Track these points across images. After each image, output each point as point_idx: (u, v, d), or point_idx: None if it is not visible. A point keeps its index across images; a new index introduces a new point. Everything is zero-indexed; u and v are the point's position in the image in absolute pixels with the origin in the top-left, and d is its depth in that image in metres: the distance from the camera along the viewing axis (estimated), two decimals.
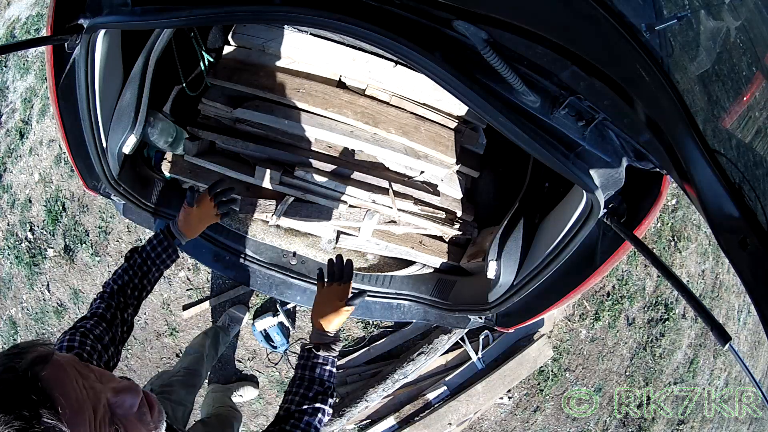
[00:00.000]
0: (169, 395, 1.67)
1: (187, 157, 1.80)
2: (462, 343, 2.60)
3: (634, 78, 0.92)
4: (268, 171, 1.75)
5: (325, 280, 1.26)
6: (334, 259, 1.25)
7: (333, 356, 1.13)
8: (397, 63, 1.74)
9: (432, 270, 1.97)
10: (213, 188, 1.36)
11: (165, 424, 0.77)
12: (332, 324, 1.16)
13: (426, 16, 0.97)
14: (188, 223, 1.34)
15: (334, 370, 1.13)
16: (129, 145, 1.56)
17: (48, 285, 2.74)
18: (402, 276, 1.94)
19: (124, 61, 1.43)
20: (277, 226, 1.94)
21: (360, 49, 1.73)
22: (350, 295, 1.20)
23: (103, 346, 0.99)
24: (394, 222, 1.85)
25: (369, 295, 1.93)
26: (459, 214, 1.92)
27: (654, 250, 2.65)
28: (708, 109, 1.07)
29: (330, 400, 1.07)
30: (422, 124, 1.81)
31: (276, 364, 2.67)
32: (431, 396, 2.59)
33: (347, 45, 1.73)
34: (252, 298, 2.67)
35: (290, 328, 2.62)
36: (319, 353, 1.11)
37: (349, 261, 1.25)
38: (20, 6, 3.07)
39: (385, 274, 1.95)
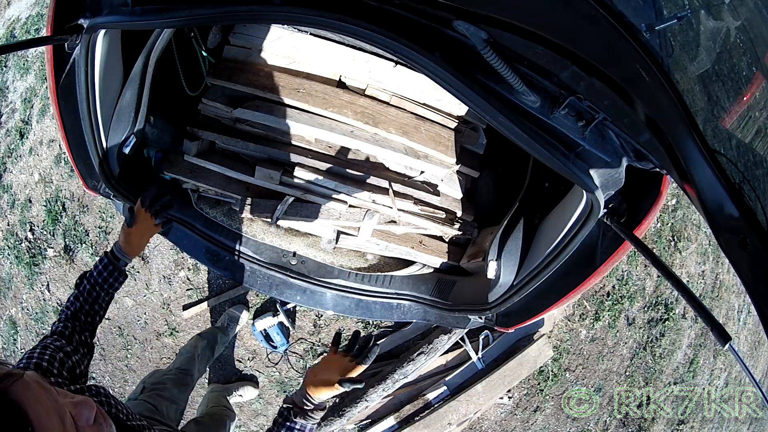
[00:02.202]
0: (161, 392, 1.67)
1: (187, 157, 1.80)
2: (462, 343, 2.60)
3: (634, 78, 0.92)
4: (268, 171, 1.75)
5: (341, 348, 1.17)
6: (361, 335, 1.18)
7: (312, 423, 1.08)
8: (397, 63, 1.73)
9: (432, 270, 1.97)
10: (144, 201, 1.38)
11: None
12: (319, 393, 1.08)
13: (426, 16, 0.97)
14: (129, 243, 1.35)
15: None
16: (129, 145, 1.56)
17: (48, 285, 2.74)
18: (402, 276, 1.94)
19: (124, 61, 1.43)
20: (277, 226, 1.94)
21: (360, 49, 1.73)
22: (350, 377, 1.10)
23: (65, 353, 1.02)
24: (394, 222, 1.85)
25: (369, 295, 1.94)
26: (459, 214, 1.92)
27: (654, 250, 2.66)
28: (708, 109, 1.07)
29: None
30: (422, 124, 1.81)
31: (276, 364, 2.67)
32: (431, 396, 2.59)
33: (347, 45, 1.73)
34: (252, 298, 2.67)
35: (290, 328, 2.62)
36: (296, 419, 1.07)
37: (376, 346, 1.16)
38: (20, 6, 3.07)
39: (385, 274, 1.95)
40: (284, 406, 1.11)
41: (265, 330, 2.58)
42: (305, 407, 1.09)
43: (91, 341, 1.20)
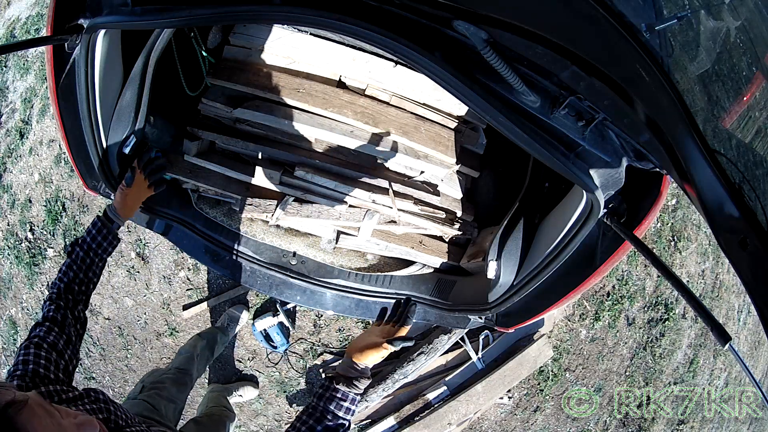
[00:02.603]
0: (160, 392, 1.68)
1: (187, 157, 1.80)
2: (462, 343, 2.60)
3: (634, 78, 0.92)
4: (268, 171, 1.75)
5: (385, 320, 1.16)
6: (402, 301, 1.17)
7: (354, 393, 1.02)
8: (397, 63, 1.73)
9: (432, 270, 1.97)
10: (140, 161, 1.40)
11: None
12: (366, 357, 1.05)
13: (426, 16, 0.97)
14: (125, 204, 1.35)
15: (354, 407, 1.02)
16: (129, 145, 1.56)
17: (48, 285, 2.74)
18: (402, 276, 1.94)
19: (124, 61, 1.43)
20: (277, 226, 1.94)
21: (360, 49, 1.73)
22: (398, 336, 1.08)
23: (58, 353, 1.01)
24: (394, 222, 1.85)
25: (369, 295, 1.94)
26: (459, 214, 1.92)
27: (654, 250, 2.66)
28: (708, 109, 1.07)
29: None
30: (422, 124, 1.81)
31: (276, 364, 2.67)
32: (431, 396, 2.59)
33: (347, 45, 1.73)
34: (252, 298, 2.67)
35: (290, 328, 2.62)
36: (339, 386, 1.02)
37: (414, 305, 1.15)
38: (20, 6, 3.07)
39: (385, 274, 1.95)
40: (327, 376, 1.06)
41: (265, 330, 2.58)
42: (350, 374, 1.04)
43: (84, 315, 1.18)
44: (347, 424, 1.01)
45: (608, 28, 0.89)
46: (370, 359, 1.05)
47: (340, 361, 1.09)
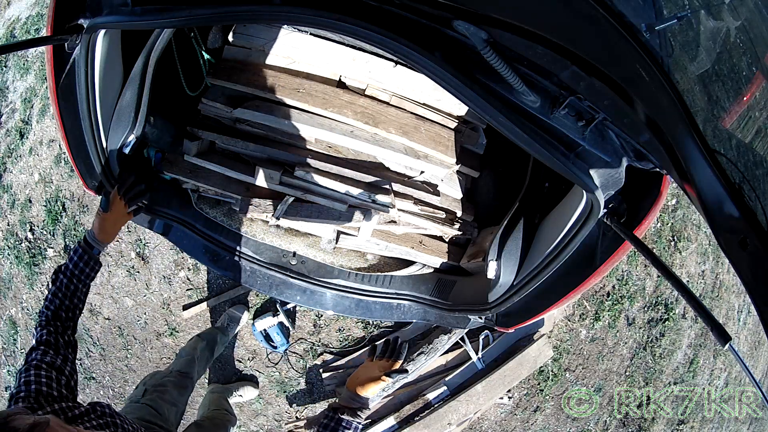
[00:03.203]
0: (162, 395, 1.68)
1: (187, 157, 1.80)
2: (462, 343, 2.60)
3: (634, 78, 0.92)
4: (268, 171, 1.75)
5: (377, 355, 1.24)
6: (391, 340, 1.25)
7: (358, 422, 1.10)
8: (397, 63, 1.73)
9: (432, 270, 1.97)
10: (120, 187, 1.41)
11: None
12: (366, 390, 1.15)
13: (426, 16, 0.97)
14: (104, 230, 1.36)
15: None
16: (129, 145, 1.56)
17: (48, 285, 2.74)
18: (402, 276, 1.94)
19: (124, 61, 1.43)
20: (277, 226, 1.94)
21: (360, 49, 1.73)
22: (394, 369, 1.19)
23: (57, 369, 1.03)
24: (394, 222, 1.85)
25: (369, 295, 1.94)
26: (459, 214, 1.92)
27: (654, 250, 2.65)
28: (708, 109, 1.07)
29: None
30: (422, 124, 1.81)
31: (276, 364, 2.67)
32: (431, 396, 2.59)
33: (347, 45, 1.73)
34: (252, 298, 2.67)
35: (290, 328, 2.62)
36: (343, 416, 1.09)
37: (404, 343, 1.24)
38: (20, 6, 3.07)
39: (385, 274, 1.95)
40: (332, 407, 1.14)
41: (265, 330, 2.58)
42: (353, 405, 1.13)
43: (74, 338, 1.20)
44: None
45: (608, 28, 0.89)
46: (370, 391, 1.15)
47: (341, 395, 1.18)
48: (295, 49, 1.75)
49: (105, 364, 2.73)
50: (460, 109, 1.84)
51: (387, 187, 1.77)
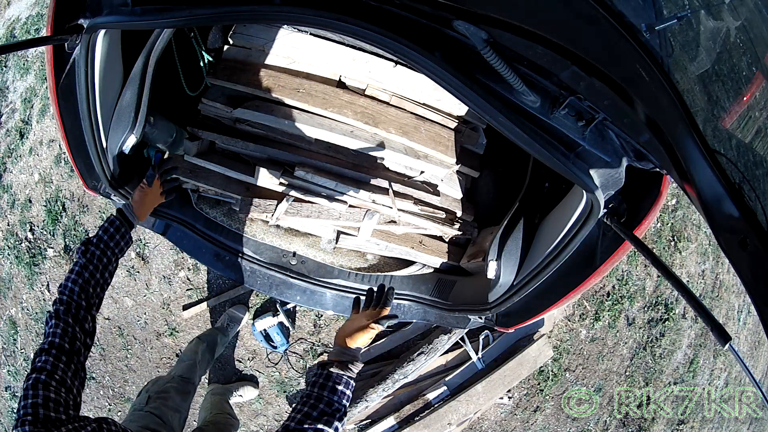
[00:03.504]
0: (165, 401, 1.68)
1: (187, 157, 1.80)
2: (462, 343, 2.60)
3: (634, 78, 0.92)
4: (268, 171, 1.75)
5: (362, 306, 1.21)
6: (375, 288, 1.21)
7: (348, 376, 1.04)
8: (397, 63, 1.73)
9: (432, 270, 1.97)
10: (161, 167, 1.45)
11: None
12: (356, 340, 1.09)
13: (426, 16, 0.97)
14: (143, 204, 1.36)
15: (348, 392, 1.03)
16: (129, 145, 1.56)
17: (48, 285, 2.74)
18: (402, 276, 1.94)
19: (124, 61, 1.43)
20: (277, 226, 1.94)
21: (360, 49, 1.73)
22: (383, 316, 1.14)
23: (67, 389, 0.97)
24: (394, 222, 1.85)
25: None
26: (459, 214, 1.92)
27: (654, 250, 2.65)
28: (708, 109, 1.07)
29: (336, 423, 0.98)
30: (422, 124, 1.81)
31: (276, 364, 2.67)
32: (431, 396, 2.59)
33: (347, 45, 1.73)
34: (252, 298, 2.67)
35: (290, 328, 2.62)
36: (332, 370, 1.03)
37: (391, 289, 1.19)
38: (20, 6, 3.07)
39: (385, 274, 1.95)
40: (320, 363, 1.08)
41: (265, 330, 2.58)
42: (342, 358, 1.07)
43: (95, 325, 1.12)
44: (343, 409, 1.01)
45: (608, 28, 0.89)
46: (359, 341, 1.09)
47: (330, 352, 1.11)
48: (295, 49, 1.75)
49: (105, 364, 2.73)
50: (460, 109, 1.84)
51: (387, 187, 1.77)
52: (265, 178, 1.76)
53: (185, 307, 2.66)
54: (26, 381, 0.96)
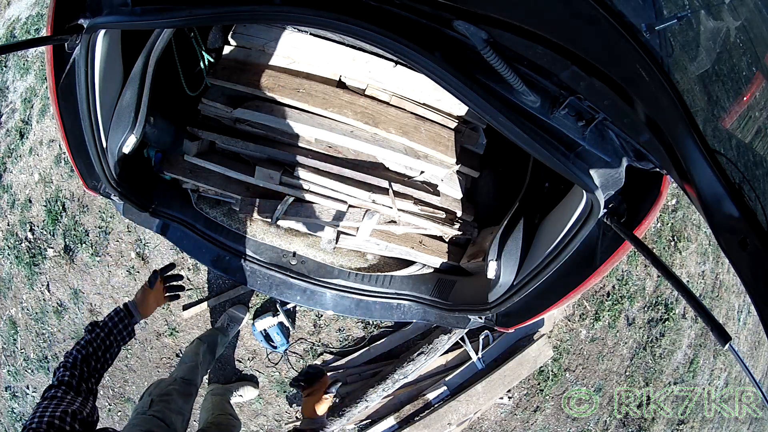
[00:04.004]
0: (168, 404, 1.69)
1: (187, 157, 1.80)
2: (462, 343, 2.60)
3: (634, 78, 0.92)
4: (268, 171, 1.75)
5: (302, 384, 1.41)
6: (307, 368, 1.43)
7: None
8: (397, 63, 1.73)
9: (432, 270, 1.97)
10: (164, 270, 1.55)
11: None
12: (318, 410, 1.33)
13: (426, 16, 0.97)
14: (145, 303, 1.46)
15: None
16: (129, 145, 1.56)
17: (48, 285, 2.74)
18: (402, 276, 1.94)
19: (124, 61, 1.43)
20: (277, 226, 1.94)
21: (360, 49, 1.73)
22: (327, 387, 1.38)
23: (71, 415, 1.03)
24: (394, 222, 1.85)
25: (369, 295, 1.94)
26: (459, 214, 1.92)
27: (654, 250, 2.65)
28: (708, 109, 1.07)
29: None
30: (422, 124, 1.81)
31: (276, 364, 2.67)
32: (431, 396, 2.59)
33: (347, 45, 1.73)
34: (252, 298, 2.67)
35: (290, 328, 2.62)
36: None
37: (314, 365, 1.43)
38: (20, 6, 3.07)
39: (385, 274, 1.95)
40: (292, 429, 1.29)
41: (265, 330, 2.58)
42: (313, 426, 1.31)
43: (96, 389, 1.22)
44: None
45: (608, 28, 0.89)
46: (320, 410, 1.34)
47: (300, 422, 1.39)
48: (295, 49, 1.75)
49: None
50: (460, 109, 1.84)
51: (387, 187, 1.77)
52: (265, 178, 1.76)
53: (185, 307, 2.66)
54: (34, 413, 1.03)
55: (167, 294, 1.54)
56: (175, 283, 1.56)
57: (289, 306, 2.63)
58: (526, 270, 1.51)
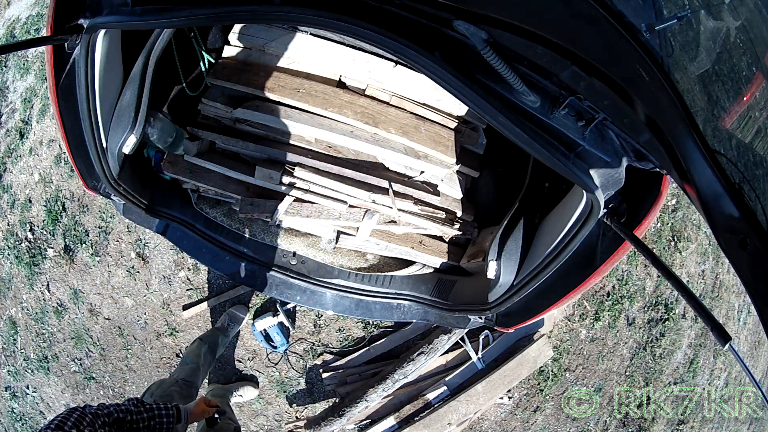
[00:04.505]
0: None
1: (187, 157, 1.80)
2: (462, 343, 2.60)
3: (634, 78, 0.92)
4: (268, 171, 1.75)
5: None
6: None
7: None
8: (397, 63, 1.73)
9: (432, 270, 1.97)
10: (219, 411, 1.61)
11: None
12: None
13: (426, 16, 0.97)
14: (196, 415, 1.52)
15: None
16: (129, 145, 1.56)
17: (48, 285, 2.74)
18: (402, 276, 1.94)
19: (124, 61, 1.43)
20: (277, 226, 1.94)
21: (360, 49, 1.73)
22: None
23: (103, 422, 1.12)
24: (394, 222, 1.85)
25: (369, 295, 1.94)
26: (459, 214, 1.92)
27: (654, 250, 2.65)
28: (708, 109, 1.07)
29: None
30: (422, 124, 1.81)
31: (276, 364, 2.67)
32: (431, 396, 2.59)
33: (347, 45, 1.73)
34: (252, 298, 2.67)
35: (290, 328, 2.62)
36: None
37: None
38: (20, 6, 3.07)
39: (385, 274, 1.95)
40: None
41: (265, 330, 2.58)
42: None
43: None
44: None
45: (608, 28, 0.89)
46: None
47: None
48: (295, 49, 1.75)
49: (105, 364, 2.73)
50: (460, 109, 1.84)
51: (387, 187, 1.77)
52: (265, 178, 1.76)
53: (185, 307, 2.66)
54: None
55: (209, 416, 1.59)
56: (217, 415, 1.61)
57: (289, 306, 2.63)
58: (526, 270, 1.51)
